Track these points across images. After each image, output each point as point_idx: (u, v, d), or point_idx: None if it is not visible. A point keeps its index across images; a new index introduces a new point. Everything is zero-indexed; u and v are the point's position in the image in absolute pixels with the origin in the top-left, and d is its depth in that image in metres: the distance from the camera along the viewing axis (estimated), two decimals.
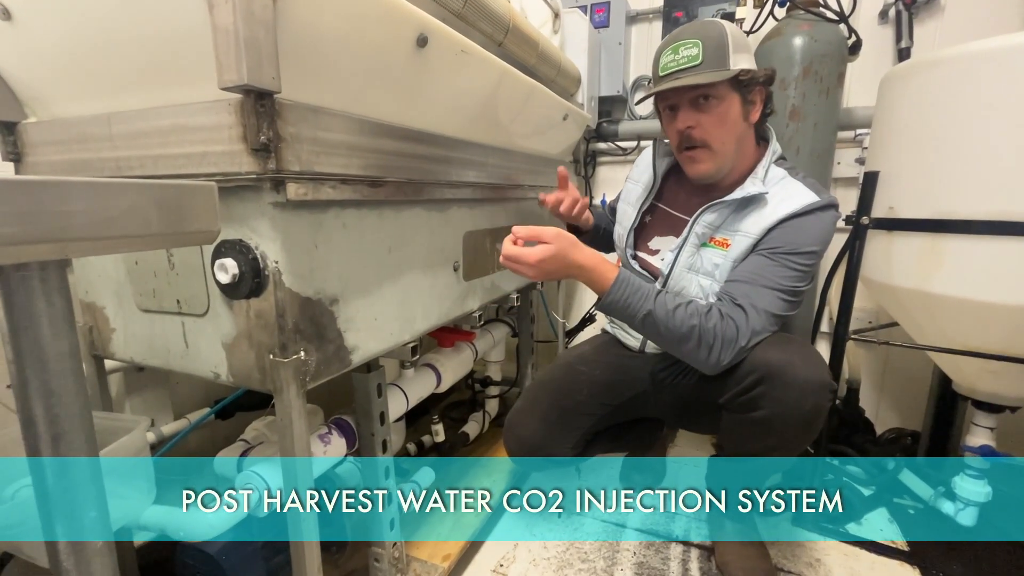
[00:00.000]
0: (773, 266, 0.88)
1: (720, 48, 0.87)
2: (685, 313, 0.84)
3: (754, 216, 0.93)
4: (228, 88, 0.50)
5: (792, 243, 0.88)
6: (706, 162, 0.95)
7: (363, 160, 0.68)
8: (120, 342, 0.78)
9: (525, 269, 0.82)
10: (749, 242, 0.92)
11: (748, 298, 0.87)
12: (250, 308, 0.63)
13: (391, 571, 0.92)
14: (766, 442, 0.90)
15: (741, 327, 0.84)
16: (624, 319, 0.88)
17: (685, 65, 0.88)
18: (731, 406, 0.91)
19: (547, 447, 1.11)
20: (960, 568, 1.07)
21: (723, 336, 0.84)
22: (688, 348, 0.85)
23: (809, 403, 0.83)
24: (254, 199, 0.59)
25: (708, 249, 0.97)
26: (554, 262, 0.82)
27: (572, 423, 1.13)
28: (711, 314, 0.85)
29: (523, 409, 1.16)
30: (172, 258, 0.68)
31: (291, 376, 0.62)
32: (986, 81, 0.88)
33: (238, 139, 0.54)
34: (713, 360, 0.85)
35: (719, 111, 0.90)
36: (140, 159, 0.61)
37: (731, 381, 0.89)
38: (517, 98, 1.11)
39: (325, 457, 0.84)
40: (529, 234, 0.83)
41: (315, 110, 0.60)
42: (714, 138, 0.92)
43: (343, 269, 0.70)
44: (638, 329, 0.89)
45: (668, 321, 0.84)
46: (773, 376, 0.83)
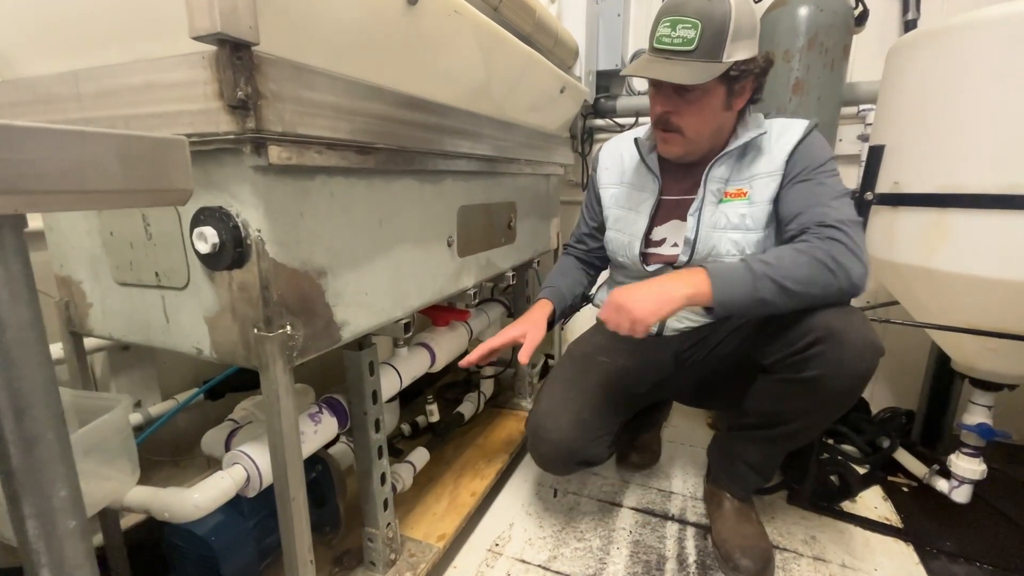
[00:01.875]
0: (816, 185, 0.89)
1: (718, 35, 0.82)
2: (793, 260, 0.80)
3: (762, 158, 0.94)
4: (200, 37, 0.46)
5: (817, 159, 0.91)
6: (677, 146, 0.96)
7: (351, 124, 0.64)
8: (98, 317, 0.74)
9: (631, 325, 0.82)
10: (773, 181, 0.92)
11: (825, 216, 0.84)
12: (232, 280, 0.59)
13: (385, 552, 0.91)
14: (805, 403, 0.88)
15: (843, 237, 0.81)
16: (742, 311, 0.82)
17: (678, 47, 0.84)
18: (778, 367, 0.89)
19: (584, 450, 1.01)
20: (953, 545, 1.08)
21: (838, 253, 0.80)
22: (821, 286, 0.80)
23: (864, 364, 0.81)
24: (234, 163, 0.55)
25: (726, 204, 0.95)
26: (625, 307, 0.82)
27: (607, 419, 1.05)
28: (810, 244, 0.82)
29: (551, 411, 1.02)
30: (149, 227, 0.64)
31: (277, 351, 0.59)
32: (997, 49, 0.85)
33: (214, 95, 0.50)
34: (847, 281, 0.80)
35: (700, 102, 0.89)
36: (110, 119, 0.57)
37: (783, 343, 0.87)
38: (513, 66, 1.07)
39: (315, 436, 0.81)
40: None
41: (298, 67, 0.56)
42: (689, 127, 0.92)
43: (331, 240, 0.67)
44: (755, 308, 0.81)
45: (786, 273, 0.79)
46: (833, 336, 0.81)
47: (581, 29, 1.57)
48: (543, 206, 1.49)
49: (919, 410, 1.41)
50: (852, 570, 1.02)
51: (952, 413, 1.35)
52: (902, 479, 1.30)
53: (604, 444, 1.04)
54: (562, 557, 1.06)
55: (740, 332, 1.02)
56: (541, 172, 1.40)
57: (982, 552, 1.05)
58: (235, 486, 0.69)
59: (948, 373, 1.31)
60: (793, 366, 0.86)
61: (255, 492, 0.73)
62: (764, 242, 0.96)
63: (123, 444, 0.71)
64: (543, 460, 1.05)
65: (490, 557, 1.06)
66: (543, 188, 1.48)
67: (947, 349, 1.13)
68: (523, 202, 1.32)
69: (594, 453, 1.03)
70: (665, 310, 0.80)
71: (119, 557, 0.87)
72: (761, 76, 0.90)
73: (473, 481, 1.20)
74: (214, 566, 0.80)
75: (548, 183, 1.52)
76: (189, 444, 1.17)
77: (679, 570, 1.02)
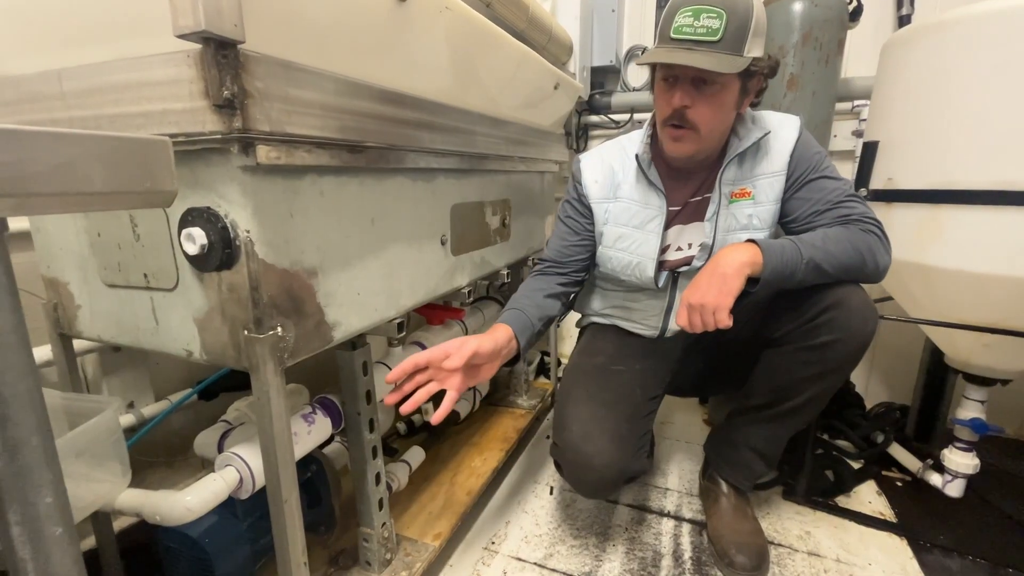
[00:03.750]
0: (822, 186, 0.91)
1: (742, 28, 0.79)
2: (838, 246, 0.84)
3: (764, 157, 0.94)
4: (184, 35, 0.45)
5: (815, 161, 0.93)
6: (689, 144, 0.90)
7: (340, 122, 0.64)
8: (87, 319, 0.73)
9: (713, 318, 0.82)
10: (777, 180, 0.93)
11: (847, 216, 0.88)
12: (222, 281, 0.59)
13: (380, 551, 0.90)
14: (814, 369, 0.91)
15: (878, 231, 0.87)
16: (779, 286, 0.85)
17: (702, 36, 0.79)
18: (790, 337, 0.93)
19: (631, 466, 0.96)
20: (946, 539, 1.08)
21: (875, 244, 0.86)
22: (853, 273, 0.86)
23: (869, 327, 0.87)
24: (222, 163, 0.54)
25: (734, 204, 0.95)
26: (697, 304, 0.83)
27: (640, 430, 1.02)
28: (853, 233, 0.86)
29: (586, 434, 0.94)
30: (137, 228, 0.63)
31: (268, 353, 0.59)
32: (992, 43, 0.85)
33: (199, 95, 0.49)
34: (874, 272, 0.87)
35: (718, 97, 0.85)
36: (96, 119, 0.56)
37: (794, 314, 0.91)
38: (506, 63, 1.06)
39: (309, 437, 0.81)
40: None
41: (286, 65, 0.55)
42: (705, 123, 0.87)
43: (322, 240, 0.66)
44: (790, 284, 0.85)
45: (830, 259, 0.84)
46: (841, 303, 0.86)
47: (575, 25, 1.56)
48: (538, 203, 1.48)
49: (913, 405, 1.41)
50: (846, 565, 1.02)
51: (946, 408, 1.35)
52: (896, 474, 1.31)
53: (644, 454, 1.02)
54: (558, 555, 1.06)
55: (747, 312, 1.00)
56: (535, 169, 1.40)
57: (975, 546, 1.06)
58: (227, 488, 0.69)
59: (942, 368, 1.31)
60: (805, 334, 0.90)
61: (248, 494, 0.72)
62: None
63: (114, 446, 0.70)
64: (590, 488, 0.99)
65: (486, 555, 1.06)
66: (537, 185, 1.47)
67: (941, 345, 1.13)
68: (517, 199, 1.32)
69: (639, 467, 0.99)
70: (733, 284, 0.81)
71: (112, 559, 0.86)
72: (770, 76, 0.88)
73: (469, 479, 1.20)
74: (208, 568, 0.79)
75: (542, 180, 1.51)
76: (183, 445, 1.16)
77: (675, 567, 1.02)
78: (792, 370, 0.94)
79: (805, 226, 0.92)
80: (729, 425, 1.11)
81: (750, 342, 1.01)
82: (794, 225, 0.95)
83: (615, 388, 1.03)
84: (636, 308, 1.09)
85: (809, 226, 0.91)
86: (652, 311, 1.07)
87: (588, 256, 1.07)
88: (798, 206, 0.93)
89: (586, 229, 1.05)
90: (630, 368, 1.06)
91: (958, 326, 0.98)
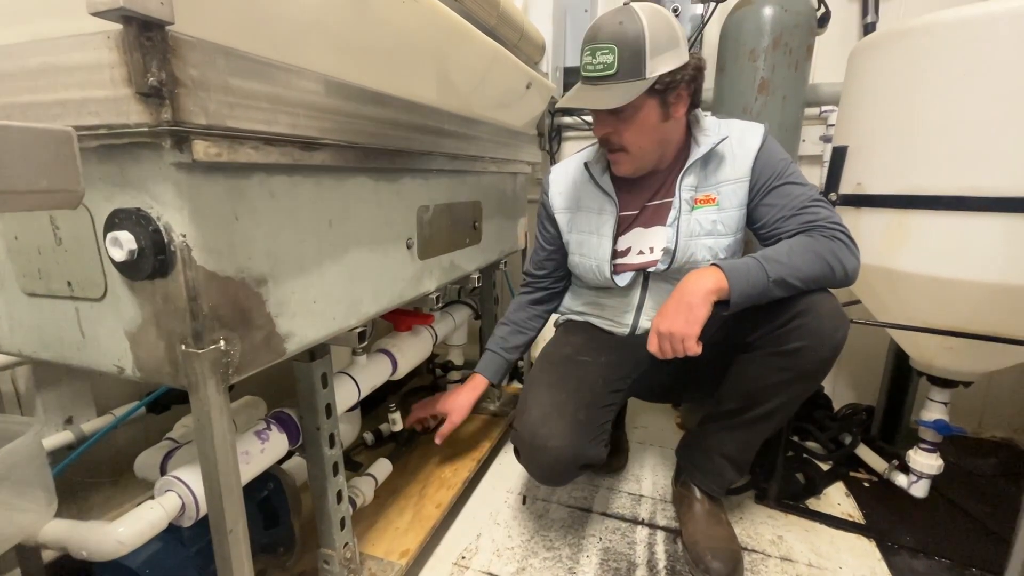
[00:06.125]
0: (796, 187, 0.93)
1: (637, 55, 0.85)
2: (802, 259, 0.85)
3: (725, 163, 0.96)
4: (99, 13, 0.40)
5: (779, 167, 0.94)
6: (627, 164, 0.97)
7: (292, 117, 0.59)
8: (5, 332, 0.66)
9: (683, 345, 0.85)
10: (741, 187, 0.95)
11: (812, 221, 0.89)
12: (155, 290, 0.53)
13: (342, 573, 0.85)
14: (785, 375, 0.92)
15: (843, 236, 0.87)
16: (749, 304, 0.86)
17: (602, 72, 0.87)
18: (762, 342, 0.93)
19: (587, 452, 0.97)
20: (912, 539, 1.10)
21: (840, 251, 0.86)
22: (823, 282, 0.88)
23: (839, 334, 0.87)
24: (152, 159, 0.49)
25: (698, 211, 0.97)
26: (666, 332, 0.86)
27: (600, 419, 1.02)
28: (816, 242, 0.87)
29: (544, 418, 0.96)
30: (58, 231, 0.56)
31: (208, 369, 0.53)
32: (957, 51, 0.86)
33: (122, 81, 0.44)
34: (843, 277, 0.88)
35: (636, 119, 0.90)
36: (6, 108, 0.50)
37: (766, 320, 0.92)
38: (476, 60, 1.02)
39: (262, 456, 0.75)
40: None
41: (227, 52, 0.50)
42: (631, 144, 0.93)
43: (272, 245, 0.61)
44: (760, 301, 0.87)
45: (796, 273, 0.85)
46: (811, 309, 0.87)
47: (548, 24, 1.53)
48: (510, 205, 1.45)
49: (878, 406, 1.44)
50: (818, 569, 1.02)
51: (910, 408, 1.38)
52: (863, 474, 1.32)
53: (602, 443, 1.01)
54: (531, 568, 1.02)
55: (719, 319, 1.01)
56: (507, 170, 1.36)
57: (940, 546, 1.08)
58: (167, 517, 0.63)
59: (907, 370, 1.34)
60: (777, 339, 0.91)
61: (192, 521, 0.66)
62: (734, 246, 0.99)
63: (36, 473, 0.63)
64: (544, 471, 0.99)
65: (456, 571, 1.02)
66: (510, 187, 1.44)
67: (906, 347, 1.15)
68: (489, 201, 1.28)
69: (595, 454, 0.99)
70: (699, 313, 0.84)
71: None
72: (693, 82, 0.91)
73: (439, 492, 1.15)
74: None
75: (515, 182, 1.48)
76: (129, 462, 1.08)
77: None
78: (763, 376, 0.94)
79: (773, 231, 0.94)
80: (701, 432, 1.11)
81: (722, 346, 1.00)
82: (763, 231, 0.96)
83: (578, 376, 1.04)
84: (608, 305, 1.11)
85: (776, 231, 0.94)
86: (622, 308, 1.09)
87: (562, 265, 1.16)
88: (765, 212, 0.95)
89: (556, 240, 1.13)
90: (595, 360, 1.08)
91: (923, 330, 1.00)
